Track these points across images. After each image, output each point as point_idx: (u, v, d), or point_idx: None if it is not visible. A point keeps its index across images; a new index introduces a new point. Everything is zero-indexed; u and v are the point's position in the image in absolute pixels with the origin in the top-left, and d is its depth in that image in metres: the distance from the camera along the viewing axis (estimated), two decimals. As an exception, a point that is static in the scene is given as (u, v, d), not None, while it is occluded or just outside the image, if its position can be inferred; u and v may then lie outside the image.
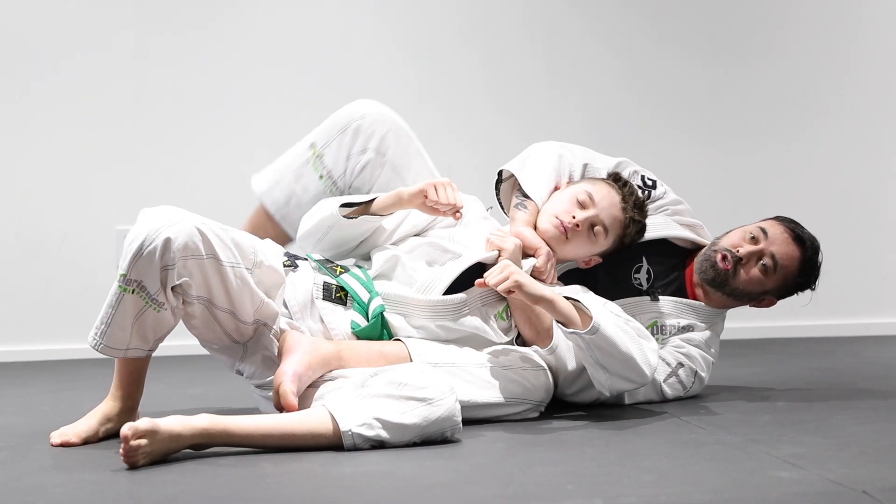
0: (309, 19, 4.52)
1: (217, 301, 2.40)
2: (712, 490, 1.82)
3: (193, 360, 3.83)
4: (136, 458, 2.06)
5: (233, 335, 2.47)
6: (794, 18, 4.74)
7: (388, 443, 2.19)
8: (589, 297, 2.60)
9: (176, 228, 2.31)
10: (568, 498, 1.78)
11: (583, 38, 4.64)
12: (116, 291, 2.33)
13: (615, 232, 2.70)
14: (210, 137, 4.44)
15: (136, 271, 2.30)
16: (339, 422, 2.18)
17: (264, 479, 1.97)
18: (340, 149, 2.88)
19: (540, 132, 4.53)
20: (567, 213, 2.68)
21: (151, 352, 2.42)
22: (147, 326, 2.36)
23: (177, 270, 2.31)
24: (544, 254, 2.67)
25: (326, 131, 2.94)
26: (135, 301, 2.32)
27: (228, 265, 2.39)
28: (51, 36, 4.37)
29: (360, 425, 2.18)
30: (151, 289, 2.31)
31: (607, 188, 2.72)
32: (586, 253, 2.74)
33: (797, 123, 4.72)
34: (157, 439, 2.08)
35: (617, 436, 2.35)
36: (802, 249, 2.81)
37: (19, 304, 4.34)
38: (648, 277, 2.87)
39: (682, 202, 2.97)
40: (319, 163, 2.86)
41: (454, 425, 2.25)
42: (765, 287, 2.83)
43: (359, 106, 2.95)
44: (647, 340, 2.56)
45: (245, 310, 2.44)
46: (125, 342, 2.36)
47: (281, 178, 2.95)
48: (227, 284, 2.39)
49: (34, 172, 4.36)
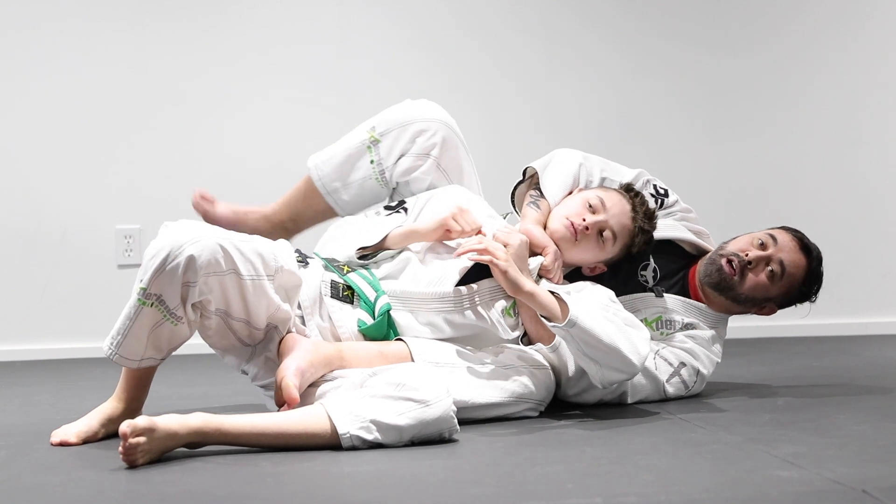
0: (309, 19, 4.51)
1: (234, 313, 2.42)
2: (712, 489, 1.82)
3: (193, 359, 3.82)
4: (136, 456, 2.06)
5: (244, 340, 2.49)
6: (794, 19, 4.74)
7: (385, 444, 2.20)
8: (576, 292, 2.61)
9: (199, 245, 2.30)
10: (568, 497, 1.78)
11: (581, 34, 4.64)
12: (135, 304, 2.32)
13: (623, 240, 2.72)
14: (210, 137, 4.45)
15: (157, 286, 2.30)
16: (337, 424, 2.19)
17: (264, 479, 1.97)
18: (397, 143, 2.84)
19: (540, 131, 4.54)
20: (578, 216, 2.70)
21: (163, 360, 2.43)
22: (163, 338, 2.37)
23: (199, 288, 2.32)
24: (552, 252, 2.68)
25: (388, 121, 2.88)
26: (153, 314, 2.32)
27: (248, 278, 2.40)
28: (51, 36, 4.36)
29: (358, 428, 2.18)
30: (171, 303, 2.32)
31: (619, 196, 2.75)
32: (593, 258, 2.75)
33: (797, 122, 4.72)
34: (154, 437, 2.08)
35: (617, 435, 2.35)
36: (809, 259, 2.84)
37: (19, 303, 4.34)
38: (654, 275, 2.89)
39: (691, 210, 3.03)
40: (375, 148, 2.85)
41: (450, 427, 2.25)
42: (769, 294, 2.84)
43: (425, 108, 2.90)
44: (637, 329, 2.56)
45: (260, 317, 2.45)
46: (140, 353, 2.37)
47: (335, 153, 2.90)
48: (246, 296, 2.41)
49: (34, 172, 4.36)
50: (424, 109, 2.89)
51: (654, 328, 2.83)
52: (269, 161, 4.46)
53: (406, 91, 4.49)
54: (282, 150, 4.47)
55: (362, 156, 2.86)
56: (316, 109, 4.50)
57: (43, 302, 4.34)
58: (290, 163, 4.48)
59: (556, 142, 3.11)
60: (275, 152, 4.47)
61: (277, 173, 4.47)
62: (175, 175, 4.38)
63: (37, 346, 4.32)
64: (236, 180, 4.31)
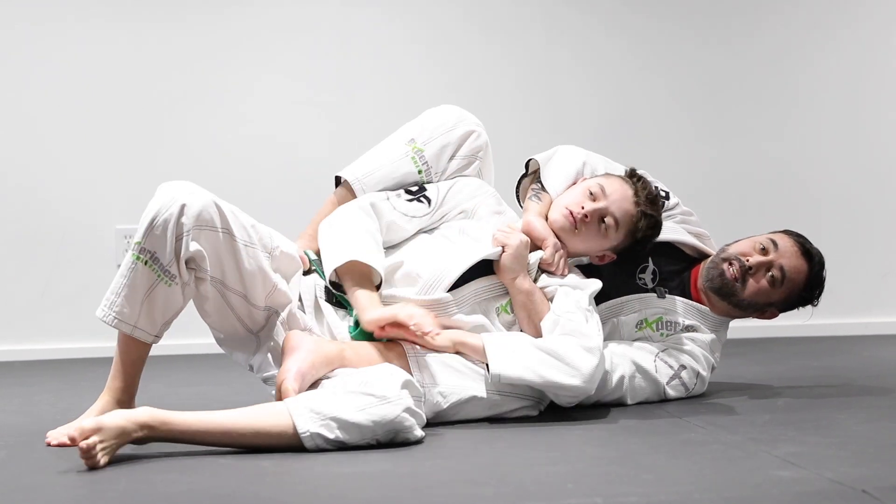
0: (309, 19, 4.51)
1: (229, 282, 2.43)
2: (712, 489, 1.82)
3: (194, 359, 3.83)
4: (95, 456, 2.05)
5: (245, 321, 2.49)
6: (793, 18, 4.74)
7: (348, 443, 2.17)
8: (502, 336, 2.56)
9: (193, 197, 2.36)
10: (568, 497, 1.78)
11: (583, 31, 4.64)
12: (130, 261, 2.35)
13: (626, 226, 2.69)
14: (211, 137, 4.44)
15: (150, 241, 2.33)
16: (297, 423, 2.16)
17: (264, 479, 1.97)
18: (445, 148, 2.81)
19: (540, 130, 4.54)
20: (577, 205, 2.68)
21: (156, 339, 2.42)
22: (156, 305, 2.37)
23: (190, 238, 2.33)
24: (551, 245, 2.67)
25: (428, 129, 2.83)
26: (147, 274, 2.34)
27: (242, 243, 2.41)
28: (51, 36, 4.36)
29: (319, 426, 2.16)
30: (164, 260, 2.33)
31: (620, 182, 2.72)
32: (598, 247, 2.72)
33: (797, 122, 4.72)
34: (107, 436, 2.07)
35: (617, 436, 2.35)
36: (810, 264, 2.83)
37: (19, 303, 4.34)
38: (654, 278, 2.88)
39: (692, 213, 3.02)
40: (419, 157, 2.82)
41: (410, 426, 2.21)
42: (770, 299, 2.84)
43: (460, 112, 2.87)
44: (580, 339, 2.49)
45: (257, 293, 2.46)
46: (134, 318, 2.37)
47: (376, 166, 2.80)
48: (240, 264, 2.42)
49: (34, 172, 4.36)
50: (461, 112, 2.87)
51: (654, 329, 2.83)
52: (270, 161, 4.46)
53: (406, 90, 4.50)
54: (283, 150, 4.47)
55: (407, 166, 2.80)
56: (317, 109, 4.50)
57: (43, 302, 4.34)
58: (290, 163, 4.49)
59: (555, 140, 3.10)
60: (276, 152, 4.47)
61: (278, 173, 4.47)
62: (175, 175, 4.30)
63: (37, 346, 4.32)
64: (237, 180, 4.30)
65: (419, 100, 3.84)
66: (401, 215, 2.70)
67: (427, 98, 3.42)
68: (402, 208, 2.71)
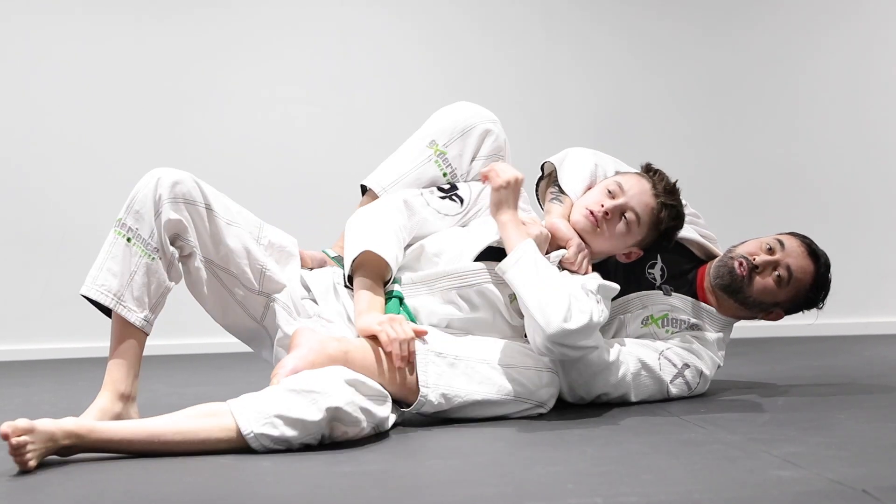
0: (309, 19, 4.52)
1: (217, 260, 2.47)
2: (712, 489, 1.82)
3: (194, 359, 3.83)
4: (25, 455, 2.02)
5: (247, 307, 2.51)
6: (794, 17, 4.75)
7: (294, 442, 2.16)
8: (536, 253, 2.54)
9: (169, 172, 2.42)
10: (568, 497, 1.78)
11: (584, 29, 4.65)
12: (112, 237, 2.41)
13: (648, 219, 2.70)
14: (211, 138, 4.45)
15: (131, 216, 2.40)
16: (240, 424, 2.14)
17: (264, 479, 1.97)
18: (465, 148, 2.81)
19: (540, 129, 4.55)
20: (597, 203, 2.70)
21: (146, 324, 2.41)
22: (141, 282, 2.38)
23: (170, 209, 2.38)
24: (574, 245, 2.69)
25: (446, 130, 2.83)
26: (129, 249, 2.39)
27: (225, 221, 2.46)
28: (51, 36, 4.37)
29: (262, 425, 2.14)
30: (145, 233, 2.39)
31: (637, 178, 2.74)
32: (622, 244, 2.74)
33: (798, 122, 4.72)
34: (37, 438, 2.04)
35: (617, 436, 2.35)
36: (817, 265, 2.85)
37: (19, 303, 4.34)
38: (662, 274, 2.89)
39: (699, 216, 3.04)
40: (442, 160, 2.82)
41: (356, 420, 2.21)
42: (776, 298, 2.84)
43: (477, 109, 2.88)
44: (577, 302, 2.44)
45: (247, 275, 2.49)
46: (119, 291, 2.38)
47: (401, 173, 2.80)
48: (224, 240, 2.46)
49: (34, 172, 4.36)
50: (478, 110, 2.87)
51: (659, 325, 2.84)
52: (270, 161, 4.46)
53: (406, 90, 4.51)
54: (284, 150, 4.47)
55: (432, 171, 2.80)
56: (318, 108, 4.50)
57: (43, 302, 4.34)
58: (291, 162, 4.49)
59: (555, 139, 3.11)
60: (276, 152, 4.48)
61: (279, 173, 4.48)
62: (175, 175, 4.38)
63: (37, 346, 4.32)
64: (237, 180, 4.31)
65: (419, 99, 3.87)
66: (434, 212, 2.72)
67: (427, 98, 3.43)
68: (435, 205, 2.73)
